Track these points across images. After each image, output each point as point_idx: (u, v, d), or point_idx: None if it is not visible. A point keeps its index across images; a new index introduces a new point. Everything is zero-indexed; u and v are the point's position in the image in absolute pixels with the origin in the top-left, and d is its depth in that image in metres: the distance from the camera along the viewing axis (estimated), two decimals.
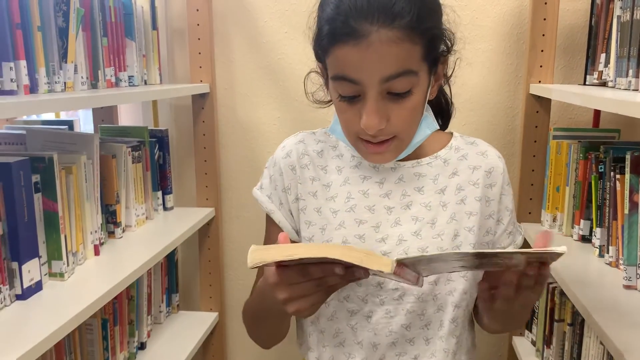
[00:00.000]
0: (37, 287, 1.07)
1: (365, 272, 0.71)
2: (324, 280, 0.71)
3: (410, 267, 0.70)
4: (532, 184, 1.55)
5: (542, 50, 1.49)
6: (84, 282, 1.15)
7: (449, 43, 0.87)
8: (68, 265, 1.16)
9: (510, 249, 0.95)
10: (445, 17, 0.86)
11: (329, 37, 0.78)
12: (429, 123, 0.89)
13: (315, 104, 0.98)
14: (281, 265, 0.71)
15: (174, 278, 1.72)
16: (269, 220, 0.99)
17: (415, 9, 0.76)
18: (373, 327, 0.90)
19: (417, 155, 0.93)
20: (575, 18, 1.56)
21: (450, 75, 0.95)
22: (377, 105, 0.79)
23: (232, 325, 1.86)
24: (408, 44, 0.76)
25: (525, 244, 1.51)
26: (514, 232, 0.97)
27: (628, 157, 1.11)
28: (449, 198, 0.91)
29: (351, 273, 0.71)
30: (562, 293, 1.37)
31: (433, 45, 0.81)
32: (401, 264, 0.68)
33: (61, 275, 1.14)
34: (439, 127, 0.91)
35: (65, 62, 1.18)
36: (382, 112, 0.80)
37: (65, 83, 1.18)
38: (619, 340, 0.88)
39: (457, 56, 0.91)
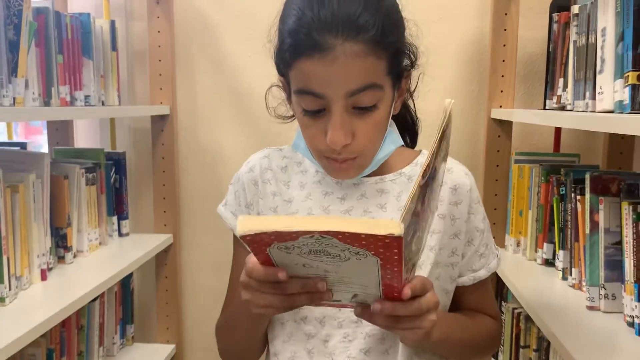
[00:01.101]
0: None
1: (329, 293, 0.66)
2: (284, 286, 0.67)
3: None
4: (495, 209, 1.55)
5: (502, 76, 1.51)
6: (27, 307, 1.08)
7: (413, 57, 0.86)
8: (10, 289, 1.09)
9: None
10: (408, 32, 0.85)
11: (292, 51, 0.76)
12: (393, 139, 0.87)
13: (277, 119, 0.96)
14: (268, 263, 0.66)
15: (129, 308, 1.65)
16: (236, 239, 0.95)
17: (379, 23, 0.75)
18: (330, 352, 0.86)
19: (381, 171, 0.90)
20: (533, 46, 1.60)
21: (414, 90, 0.94)
22: (342, 120, 0.77)
23: (190, 358, 1.78)
24: (373, 58, 0.75)
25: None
26: (486, 254, 0.93)
27: (588, 177, 1.11)
28: None
29: (314, 286, 0.66)
30: (527, 318, 1.35)
31: (397, 59, 0.80)
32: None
33: (2, 300, 1.07)
34: (403, 143, 0.90)
35: (15, 76, 1.13)
36: (347, 127, 0.78)
37: (14, 98, 1.13)
38: None
39: (421, 71, 0.90)
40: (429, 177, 0.65)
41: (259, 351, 0.94)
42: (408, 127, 1.00)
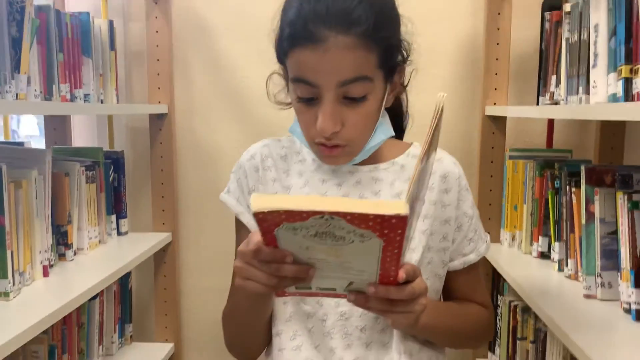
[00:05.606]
0: None
1: (313, 270, 0.69)
2: (275, 267, 0.69)
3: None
4: (490, 204, 1.57)
5: (496, 74, 1.55)
6: (30, 302, 1.08)
7: (405, 53, 0.90)
8: (14, 284, 1.10)
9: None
10: (404, 28, 0.88)
11: (289, 40, 0.80)
12: (384, 129, 0.90)
13: (277, 106, 0.99)
14: (272, 244, 0.67)
15: (128, 307, 1.65)
16: (239, 225, 0.98)
17: (372, 18, 0.78)
18: (329, 331, 0.89)
19: (375, 160, 0.94)
20: (526, 46, 1.63)
21: (406, 85, 0.97)
22: (332, 108, 0.81)
23: (189, 357, 1.78)
24: (363, 51, 0.79)
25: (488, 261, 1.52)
26: (475, 239, 0.97)
27: (583, 169, 1.14)
28: None
29: (305, 272, 0.68)
30: (523, 310, 1.37)
31: (389, 54, 0.83)
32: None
33: (6, 294, 1.07)
34: (394, 134, 0.92)
35: (18, 72, 1.14)
36: (336, 115, 0.81)
37: (17, 94, 1.14)
38: (584, 343, 0.88)
39: (414, 67, 0.94)
40: (423, 165, 0.68)
41: (263, 342, 0.96)
42: (397, 122, 1.02)
